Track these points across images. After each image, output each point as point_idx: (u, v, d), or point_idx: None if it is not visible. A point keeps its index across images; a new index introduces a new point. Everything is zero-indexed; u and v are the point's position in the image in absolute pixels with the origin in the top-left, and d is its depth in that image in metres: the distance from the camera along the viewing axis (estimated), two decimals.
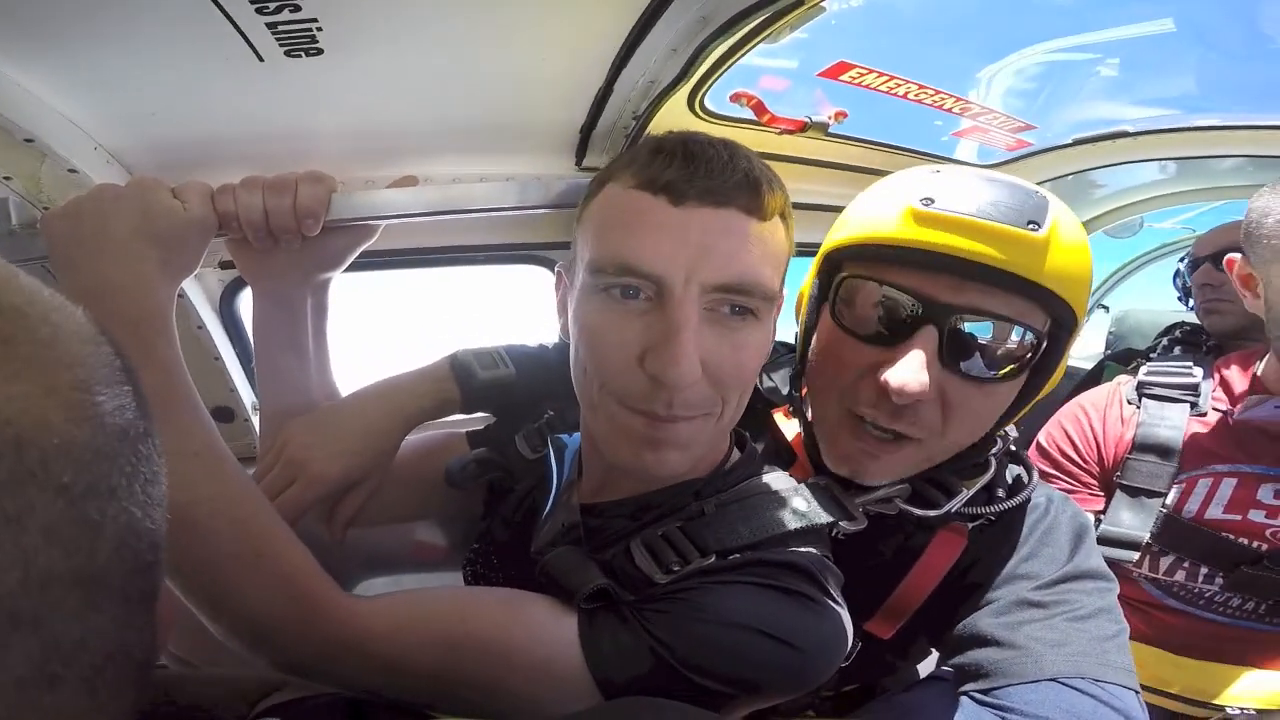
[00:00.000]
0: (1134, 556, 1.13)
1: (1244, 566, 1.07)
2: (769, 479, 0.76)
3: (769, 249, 0.64)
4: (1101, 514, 1.17)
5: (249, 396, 1.29)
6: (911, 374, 0.68)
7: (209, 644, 0.63)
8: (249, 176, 0.75)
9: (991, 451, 0.82)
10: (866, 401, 0.73)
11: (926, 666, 1.04)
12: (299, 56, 0.73)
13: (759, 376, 0.92)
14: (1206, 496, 1.11)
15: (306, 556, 0.65)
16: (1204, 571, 1.11)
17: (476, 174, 1.09)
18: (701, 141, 0.65)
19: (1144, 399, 1.20)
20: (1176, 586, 1.14)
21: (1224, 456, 1.11)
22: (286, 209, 0.74)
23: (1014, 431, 0.86)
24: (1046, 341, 0.71)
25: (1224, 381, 1.17)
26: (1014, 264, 0.66)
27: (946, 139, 1.45)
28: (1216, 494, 1.10)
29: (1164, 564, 1.15)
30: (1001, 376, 0.71)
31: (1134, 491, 1.15)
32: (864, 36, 1.10)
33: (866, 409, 0.73)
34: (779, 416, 0.93)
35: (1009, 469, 0.85)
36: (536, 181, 0.87)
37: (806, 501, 0.74)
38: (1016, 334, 0.69)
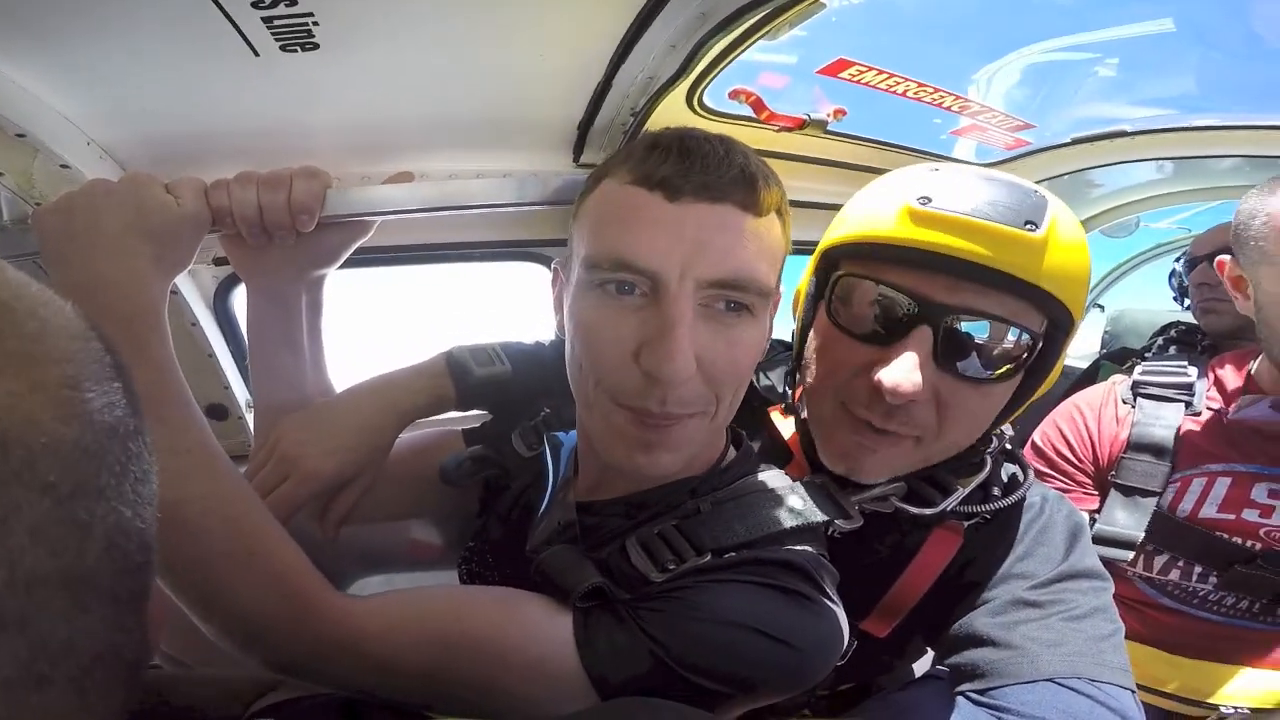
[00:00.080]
0: (1129, 556, 1.13)
1: (1238, 565, 1.07)
2: (765, 477, 0.76)
3: (765, 245, 0.64)
4: (1096, 513, 1.17)
5: (243, 394, 1.28)
6: (905, 374, 0.67)
7: (201, 644, 0.62)
8: (243, 172, 0.74)
9: (987, 450, 0.82)
10: (861, 400, 0.73)
11: (922, 666, 1.04)
12: (295, 51, 0.73)
13: (755, 375, 0.92)
14: (1201, 496, 1.11)
15: (299, 555, 0.65)
16: (1198, 570, 1.12)
17: (473, 170, 1.08)
18: (698, 137, 0.64)
19: (1139, 398, 1.21)
20: (1171, 585, 1.14)
21: (1218, 456, 1.11)
22: (281, 205, 0.73)
23: (1010, 430, 0.86)
24: (1043, 342, 0.71)
25: (1218, 381, 1.17)
26: (1010, 264, 0.65)
27: (945, 137, 1.45)
28: (1211, 493, 1.11)
29: (1158, 563, 1.15)
30: (997, 377, 0.71)
31: (1128, 491, 1.15)
32: (864, 34, 1.10)
33: (861, 408, 0.73)
34: (775, 415, 0.93)
35: (1004, 468, 0.85)
36: (534, 178, 0.87)
37: (802, 500, 0.74)
38: (1012, 334, 0.69)
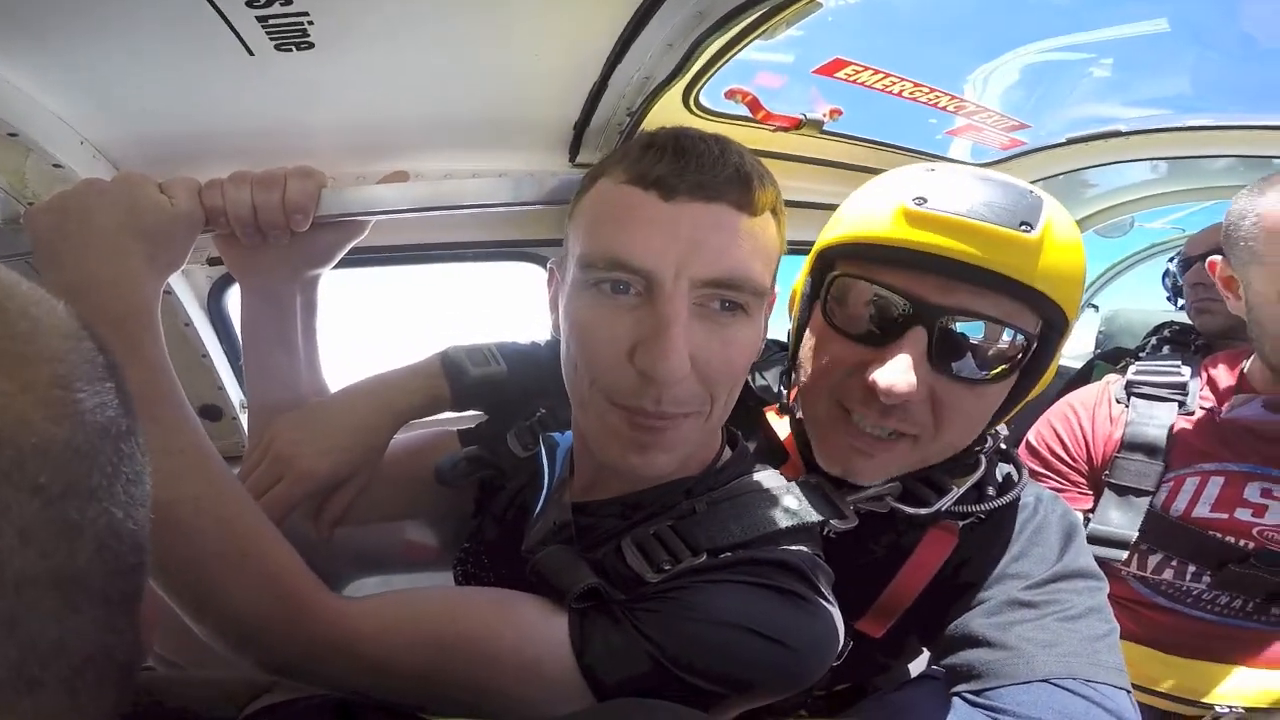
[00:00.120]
0: (1123, 555, 1.13)
1: (1231, 565, 1.07)
2: (760, 477, 0.76)
3: (759, 244, 0.64)
4: (1090, 513, 1.17)
5: (237, 394, 1.28)
6: (899, 375, 0.67)
7: (195, 645, 0.62)
8: (237, 171, 0.74)
9: (982, 450, 0.82)
10: (856, 400, 0.73)
11: (918, 666, 1.04)
12: (290, 50, 0.72)
13: (751, 375, 0.92)
14: (1194, 495, 1.12)
15: (293, 556, 0.64)
16: (1192, 570, 1.12)
17: (469, 170, 1.08)
18: (693, 136, 0.64)
19: (1133, 398, 1.21)
20: (1165, 585, 1.15)
21: (1211, 455, 1.12)
22: (275, 204, 0.73)
23: (1004, 429, 0.86)
24: (1037, 343, 0.71)
25: (1211, 381, 1.18)
26: (1005, 265, 0.66)
27: (941, 137, 1.45)
28: (1204, 492, 1.11)
29: (1152, 562, 1.15)
30: (992, 377, 0.71)
31: (1122, 490, 1.16)
32: (860, 34, 1.10)
33: (857, 406, 0.73)
34: (771, 415, 0.93)
35: (999, 467, 0.85)
36: (530, 177, 0.86)
37: (798, 500, 0.74)
38: (1007, 335, 0.69)
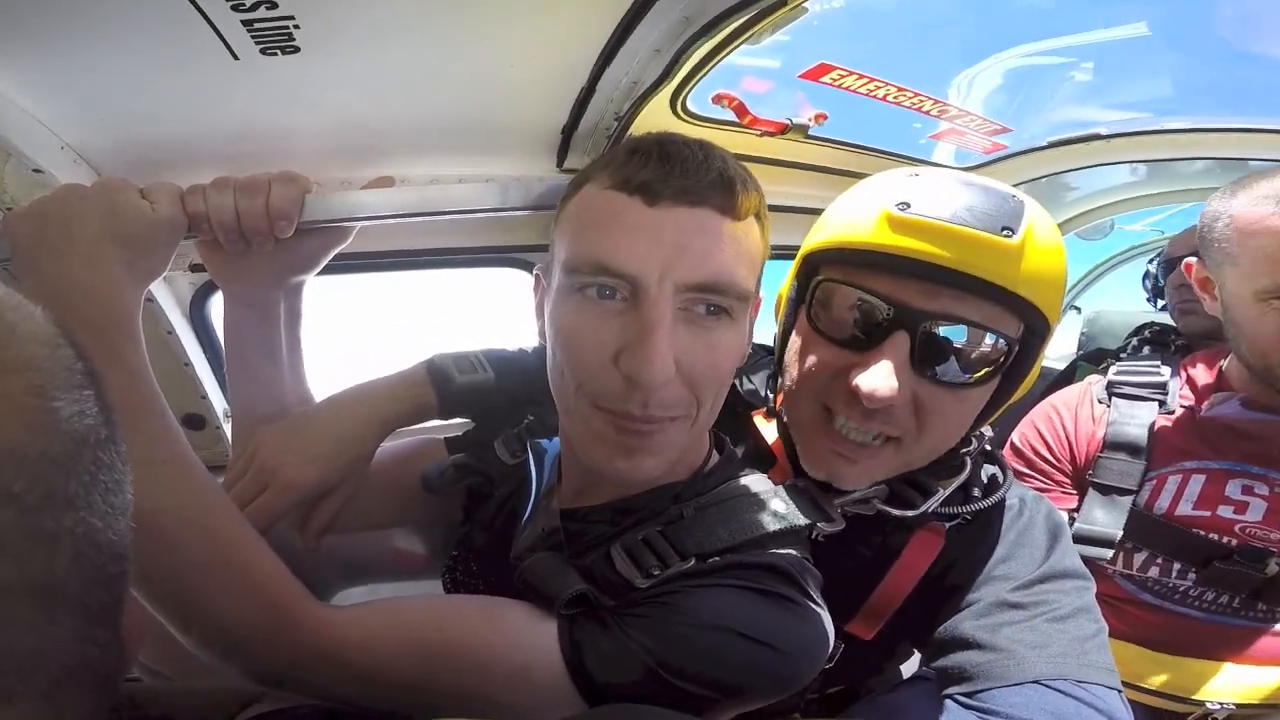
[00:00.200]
0: (1108, 554, 1.14)
1: (1215, 562, 1.08)
2: (748, 481, 0.76)
3: (743, 249, 0.65)
4: (1075, 512, 1.18)
5: (220, 403, 1.27)
6: (882, 379, 0.68)
7: (181, 655, 0.61)
8: (220, 177, 0.73)
9: (967, 452, 0.83)
10: (840, 403, 0.73)
11: (910, 667, 1.05)
12: (275, 55, 0.72)
13: (738, 379, 0.92)
14: (1176, 493, 1.13)
15: (278, 565, 0.64)
16: (1177, 567, 1.13)
17: (455, 175, 1.07)
18: (677, 142, 0.65)
19: (1114, 398, 1.22)
20: (1151, 582, 1.16)
21: (1192, 453, 1.13)
22: (259, 210, 0.72)
23: (989, 431, 0.87)
24: (1019, 346, 0.72)
25: (1190, 380, 1.19)
26: (987, 271, 0.66)
27: (924, 142, 1.47)
28: (1186, 490, 1.12)
29: (1138, 560, 1.16)
30: (974, 381, 0.72)
31: (1106, 489, 1.17)
32: (845, 39, 1.11)
33: (841, 409, 0.74)
34: (758, 419, 0.93)
35: (984, 469, 0.86)
36: (516, 183, 0.86)
37: (785, 503, 0.74)
38: (989, 340, 0.70)
